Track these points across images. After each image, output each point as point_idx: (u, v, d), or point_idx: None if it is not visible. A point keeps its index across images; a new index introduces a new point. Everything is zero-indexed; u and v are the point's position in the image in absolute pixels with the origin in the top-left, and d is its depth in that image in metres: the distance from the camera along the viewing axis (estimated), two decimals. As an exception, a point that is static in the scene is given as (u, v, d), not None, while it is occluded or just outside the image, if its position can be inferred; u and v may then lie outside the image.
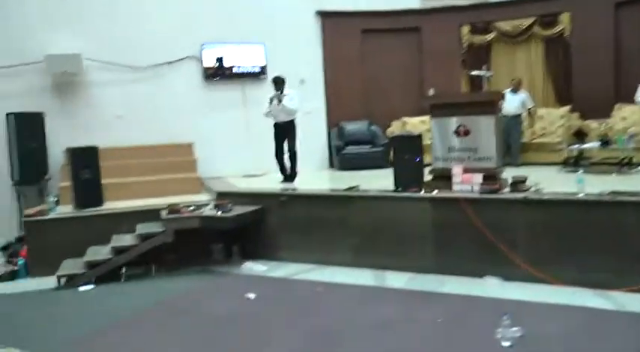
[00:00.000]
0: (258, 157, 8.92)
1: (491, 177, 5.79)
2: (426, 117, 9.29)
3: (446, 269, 5.75)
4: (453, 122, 6.02)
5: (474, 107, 5.91)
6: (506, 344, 4.02)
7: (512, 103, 8.84)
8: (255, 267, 6.49)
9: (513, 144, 8.81)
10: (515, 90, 8.96)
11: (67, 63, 8.30)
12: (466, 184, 5.83)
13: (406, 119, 9.86)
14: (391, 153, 6.54)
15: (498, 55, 10.24)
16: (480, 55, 10.09)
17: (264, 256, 6.79)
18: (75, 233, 6.72)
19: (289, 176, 7.77)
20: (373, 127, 9.69)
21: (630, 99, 8.13)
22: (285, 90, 7.66)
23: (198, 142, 8.89)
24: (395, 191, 6.09)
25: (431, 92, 6.19)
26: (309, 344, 4.32)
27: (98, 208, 7.11)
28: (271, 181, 7.95)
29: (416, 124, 9.59)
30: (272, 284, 5.93)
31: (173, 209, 6.48)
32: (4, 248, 7.58)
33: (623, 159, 7.03)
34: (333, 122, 9.91)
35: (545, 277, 5.25)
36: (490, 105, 5.89)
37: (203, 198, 7.39)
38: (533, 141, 8.98)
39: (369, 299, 5.25)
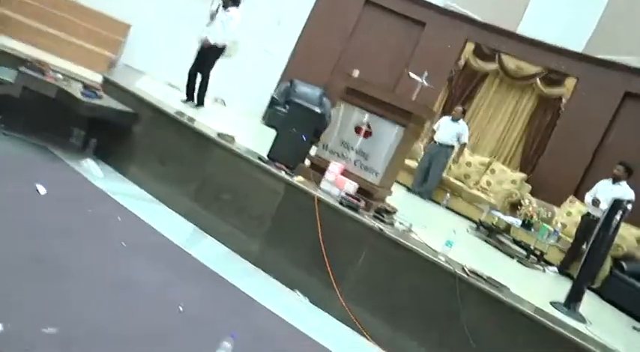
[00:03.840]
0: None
1: (366, 193, 4.79)
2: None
3: (264, 263, 4.76)
4: (360, 116, 4.97)
5: (389, 110, 4.84)
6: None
7: (447, 131, 7.76)
8: (92, 168, 5.52)
9: (432, 174, 7.72)
10: (455, 119, 7.83)
11: None
12: (336, 187, 4.83)
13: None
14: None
15: (488, 87, 9.04)
16: (470, 78, 9.00)
17: (114, 163, 5.79)
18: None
19: (193, 100, 6.70)
20: (325, 99, 8.59)
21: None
22: (231, 9, 6.54)
23: (139, 28, 7.76)
24: (261, 158, 5.07)
25: (355, 73, 5.13)
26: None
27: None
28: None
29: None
30: (84, 191, 4.97)
31: (36, 66, 5.48)
32: None
33: (533, 250, 5.98)
34: (288, 77, 8.78)
35: (358, 325, 4.29)
36: (407, 116, 4.81)
37: (96, 78, 6.38)
38: (461, 186, 7.90)
39: (157, 256, 4.26)
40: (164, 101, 6.06)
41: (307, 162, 5.24)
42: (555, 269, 6.43)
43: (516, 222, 6.34)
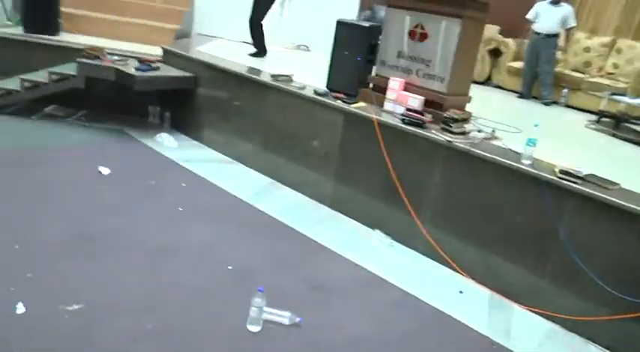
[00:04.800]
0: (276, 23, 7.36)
1: (435, 105, 4.10)
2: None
3: (340, 205, 4.35)
4: (411, 19, 4.22)
5: (439, 3, 4.03)
6: (252, 328, 2.73)
7: (548, 18, 6.45)
8: (166, 141, 5.41)
9: (542, 72, 6.53)
10: (556, 2, 6.46)
11: None
12: (400, 105, 4.20)
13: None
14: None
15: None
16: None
17: (190, 132, 5.69)
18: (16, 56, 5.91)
19: (258, 50, 6.29)
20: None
21: None
22: None
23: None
24: (316, 91, 4.55)
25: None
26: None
27: (48, 36, 6.17)
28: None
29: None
30: (152, 164, 4.86)
31: (91, 53, 5.43)
32: None
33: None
34: (367, 3, 7.97)
35: (446, 257, 3.71)
36: (460, 4, 3.94)
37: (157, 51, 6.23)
38: (580, 77, 6.63)
39: (218, 217, 4.00)
40: (231, 59, 5.71)
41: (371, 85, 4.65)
42: None
43: (644, 101, 5.15)
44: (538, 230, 3.33)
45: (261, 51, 6.22)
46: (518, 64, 6.88)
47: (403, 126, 3.91)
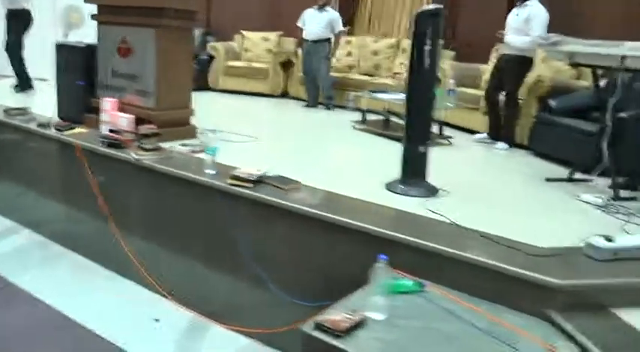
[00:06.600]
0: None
1: (148, 122, 3.74)
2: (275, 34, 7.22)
3: (70, 241, 3.88)
4: (116, 34, 3.90)
5: (139, 14, 3.71)
6: None
7: (315, 23, 6.29)
8: None
9: (320, 79, 6.34)
10: (321, 8, 6.31)
11: None
12: (114, 126, 3.82)
13: (247, 33, 7.45)
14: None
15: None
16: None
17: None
18: None
19: (21, 82, 5.71)
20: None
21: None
22: None
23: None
24: (39, 124, 4.08)
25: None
26: None
27: None
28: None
29: (257, 42, 7.32)
30: None
31: None
32: None
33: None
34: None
35: (156, 284, 3.33)
36: (155, 13, 3.64)
37: None
38: (366, 80, 6.47)
39: None
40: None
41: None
42: (484, 136, 5.08)
43: (398, 96, 4.95)
44: (228, 242, 3.01)
45: (25, 83, 5.69)
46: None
47: (103, 149, 3.54)
